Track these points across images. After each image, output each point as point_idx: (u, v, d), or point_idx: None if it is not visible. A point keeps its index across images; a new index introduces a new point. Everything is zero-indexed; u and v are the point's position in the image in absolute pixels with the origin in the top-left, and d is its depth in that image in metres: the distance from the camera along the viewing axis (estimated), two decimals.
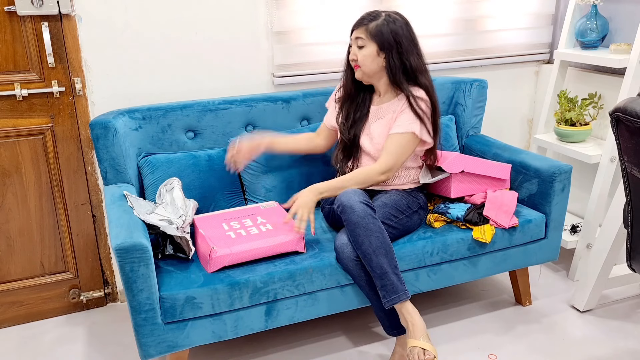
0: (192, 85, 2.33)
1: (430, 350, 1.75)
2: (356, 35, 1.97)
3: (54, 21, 2.06)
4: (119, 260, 1.63)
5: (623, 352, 2.06)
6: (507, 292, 2.45)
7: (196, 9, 2.25)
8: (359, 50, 1.97)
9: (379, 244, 1.80)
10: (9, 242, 2.23)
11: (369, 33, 1.94)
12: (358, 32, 1.97)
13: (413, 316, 1.81)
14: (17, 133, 2.13)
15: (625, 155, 1.49)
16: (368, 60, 1.96)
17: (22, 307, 2.32)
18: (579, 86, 2.71)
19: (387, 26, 1.93)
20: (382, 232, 1.82)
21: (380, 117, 2.05)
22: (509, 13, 2.76)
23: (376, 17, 1.95)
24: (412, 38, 1.97)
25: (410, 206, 2.03)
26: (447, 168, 2.09)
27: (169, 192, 1.97)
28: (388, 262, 1.80)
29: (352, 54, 2.00)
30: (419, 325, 1.80)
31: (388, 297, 1.80)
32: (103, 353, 2.13)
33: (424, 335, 1.78)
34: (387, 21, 1.93)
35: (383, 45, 1.93)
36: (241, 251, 1.80)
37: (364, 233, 1.80)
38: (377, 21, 1.94)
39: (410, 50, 1.96)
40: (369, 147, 2.05)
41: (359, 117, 2.09)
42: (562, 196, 2.17)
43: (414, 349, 1.76)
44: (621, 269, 2.34)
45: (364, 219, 1.81)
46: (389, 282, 1.79)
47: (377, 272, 1.80)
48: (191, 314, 1.74)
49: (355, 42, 1.99)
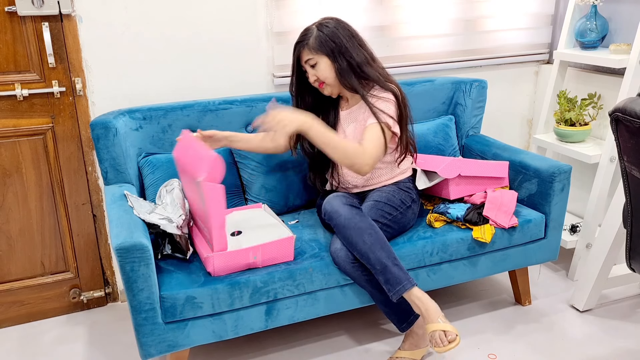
0: (192, 85, 2.33)
1: (451, 331, 1.74)
2: (304, 58, 1.95)
3: (54, 21, 2.07)
4: (119, 260, 1.63)
5: (622, 352, 2.07)
6: (507, 292, 2.46)
7: (196, 9, 2.25)
8: (315, 69, 1.94)
9: (373, 241, 1.80)
10: (10, 242, 2.24)
11: (313, 49, 1.92)
12: (304, 55, 1.94)
13: (424, 301, 1.80)
14: (18, 133, 2.13)
15: (624, 155, 1.49)
16: (327, 72, 1.93)
17: (23, 307, 2.32)
18: (579, 86, 2.72)
19: (323, 34, 1.91)
20: (373, 228, 1.82)
21: (353, 120, 2.03)
22: (508, 13, 2.76)
23: (309, 33, 1.93)
24: (350, 33, 1.94)
25: (403, 201, 2.02)
26: (443, 173, 2.08)
27: (169, 193, 1.97)
28: (386, 255, 1.80)
29: (312, 76, 1.96)
30: (433, 308, 1.79)
31: (393, 289, 1.80)
32: (103, 353, 2.14)
33: (440, 316, 1.78)
34: (320, 30, 1.92)
35: (331, 52, 1.90)
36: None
37: (356, 233, 1.80)
38: (312, 35, 1.92)
39: (352, 46, 1.92)
40: None
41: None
42: (562, 196, 2.17)
43: (434, 333, 1.75)
44: (621, 269, 2.34)
45: (352, 220, 1.81)
46: (391, 275, 1.79)
47: (377, 268, 1.80)
48: (191, 313, 1.74)
49: (307, 65, 1.96)
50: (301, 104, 2.07)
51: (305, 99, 2.07)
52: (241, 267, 1.82)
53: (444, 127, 2.46)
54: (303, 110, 1.89)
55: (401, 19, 2.56)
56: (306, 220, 2.17)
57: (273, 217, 2.02)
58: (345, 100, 2.07)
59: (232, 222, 2.01)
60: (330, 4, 2.42)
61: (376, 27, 2.54)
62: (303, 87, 2.05)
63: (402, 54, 2.62)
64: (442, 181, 2.16)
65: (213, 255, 1.75)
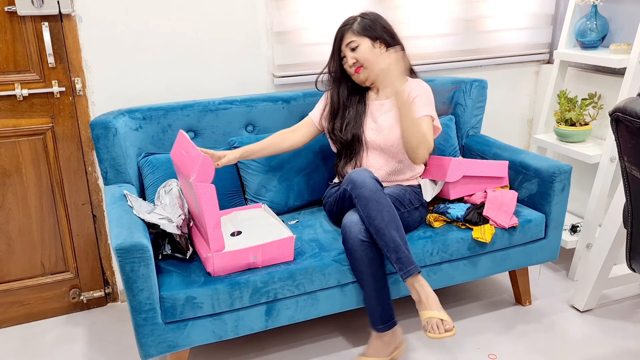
0: (192, 85, 2.33)
1: (448, 321, 1.75)
2: (347, 41, 2.03)
3: (54, 21, 2.06)
4: (119, 260, 1.63)
5: (623, 352, 2.07)
6: (507, 292, 2.45)
7: (196, 9, 2.25)
8: (354, 52, 2.02)
9: (390, 219, 1.81)
10: (9, 242, 2.24)
11: (357, 32, 2.03)
12: (347, 37, 2.03)
13: (425, 289, 1.82)
14: (18, 133, 2.13)
15: (625, 155, 1.49)
16: (368, 53, 2.01)
17: (23, 307, 2.32)
18: (579, 86, 2.71)
19: (367, 20, 2.04)
20: (392, 207, 1.84)
21: (387, 111, 2.07)
22: (508, 13, 2.76)
23: (352, 19, 2.06)
24: (388, 25, 2.08)
25: (412, 201, 2.03)
26: (450, 179, 2.10)
27: (168, 194, 1.97)
28: (400, 236, 1.82)
29: (350, 59, 2.03)
30: (433, 296, 1.81)
31: (405, 269, 1.81)
32: (103, 353, 2.14)
33: (438, 307, 1.79)
34: (364, 18, 2.05)
35: (375, 35, 2.02)
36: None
37: (377, 207, 1.81)
38: (356, 21, 2.04)
39: (394, 34, 2.07)
40: (378, 141, 2.06)
41: (352, 116, 2.10)
42: (562, 196, 2.17)
43: (431, 320, 1.76)
44: (621, 269, 2.34)
45: (376, 194, 1.83)
46: (403, 254, 1.81)
47: (390, 245, 1.80)
48: (191, 313, 1.74)
49: (347, 48, 2.03)
50: (336, 93, 2.12)
51: (340, 90, 2.13)
52: (241, 267, 1.81)
53: (444, 127, 2.45)
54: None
55: (401, 19, 2.56)
56: (306, 220, 2.17)
57: (273, 217, 2.02)
58: (376, 91, 2.10)
59: (232, 222, 2.01)
60: (330, 4, 2.42)
61: None
62: (342, 73, 2.11)
63: None
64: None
65: (212, 255, 1.75)
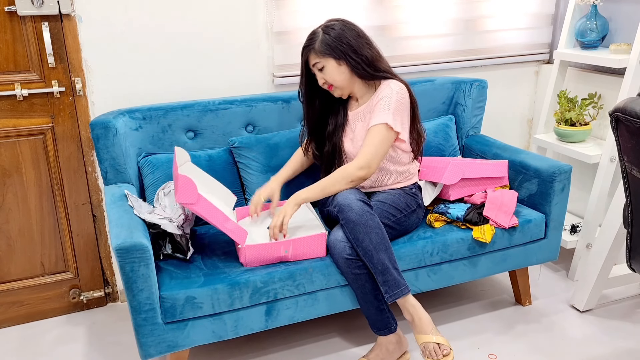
0: (192, 85, 2.33)
1: (445, 345, 1.77)
2: (312, 62, 1.97)
3: (54, 21, 2.06)
4: (119, 260, 1.63)
5: (623, 352, 2.07)
6: (507, 292, 2.45)
7: (196, 9, 2.25)
8: (322, 72, 1.96)
9: (379, 241, 1.81)
10: (9, 242, 2.23)
11: (319, 52, 1.93)
12: (311, 59, 1.96)
13: (417, 310, 1.83)
14: (18, 133, 2.13)
15: (625, 155, 1.49)
16: (335, 74, 1.95)
17: (23, 307, 2.32)
18: (579, 86, 2.71)
19: (329, 37, 1.92)
20: (380, 228, 1.83)
21: (361, 119, 2.04)
22: (508, 13, 2.76)
23: (315, 36, 1.95)
24: (357, 33, 1.96)
25: (409, 205, 2.03)
26: (446, 181, 2.10)
27: (167, 196, 1.97)
28: (388, 257, 1.82)
29: (320, 79, 1.99)
30: (425, 318, 1.82)
31: (391, 292, 1.81)
32: (103, 353, 2.13)
33: (433, 329, 1.80)
34: (326, 33, 1.93)
35: (337, 54, 1.92)
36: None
37: (364, 230, 1.80)
38: (318, 39, 1.94)
39: (361, 45, 1.94)
40: (351, 150, 2.04)
41: (333, 128, 2.09)
42: (562, 196, 2.17)
43: (428, 345, 1.78)
44: (621, 269, 2.34)
45: (363, 217, 1.81)
46: (391, 277, 1.81)
47: (378, 268, 1.81)
48: (191, 313, 1.74)
49: (314, 69, 1.98)
50: (310, 110, 2.09)
51: (315, 105, 2.08)
52: (273, 260, 1.85)
53: (444, 127, 2.46)
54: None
55: (401, 18, 2.56)
56: None
57: (312, 212, 2.05)
58: (355, 100, 2.09)
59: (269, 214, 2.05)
60: (330, 4, 2.42)
61: (376, 27, 2.53)
62: (313, 91, 2.06)
63: (402, 54, 2.62)
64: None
65: (245, 247, 1.77)
